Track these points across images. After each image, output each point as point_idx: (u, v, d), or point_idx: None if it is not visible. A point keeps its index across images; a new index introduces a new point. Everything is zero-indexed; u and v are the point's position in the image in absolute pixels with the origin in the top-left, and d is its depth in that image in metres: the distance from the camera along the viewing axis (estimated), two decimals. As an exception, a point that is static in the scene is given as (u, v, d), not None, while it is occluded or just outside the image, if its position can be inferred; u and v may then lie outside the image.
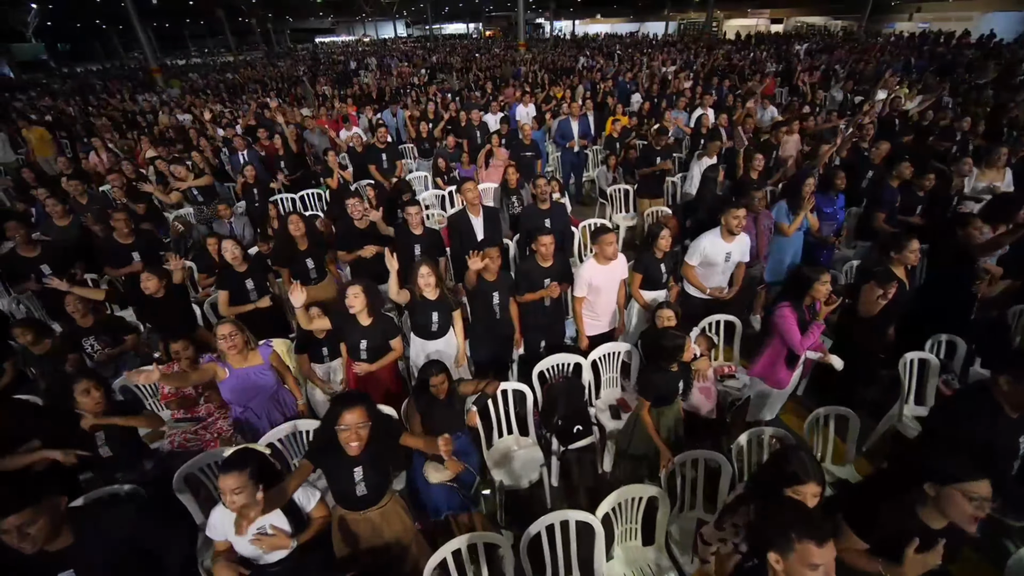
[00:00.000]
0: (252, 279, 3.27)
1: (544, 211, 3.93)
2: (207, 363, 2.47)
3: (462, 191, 3.63)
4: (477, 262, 2.69)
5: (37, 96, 15.73)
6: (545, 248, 2.97)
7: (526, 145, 6.23)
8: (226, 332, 2.39)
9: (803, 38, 24.04)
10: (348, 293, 2.56)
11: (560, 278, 3.13)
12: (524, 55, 19.39)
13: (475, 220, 3.68)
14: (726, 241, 3.27)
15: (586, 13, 45.18)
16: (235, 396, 2.50)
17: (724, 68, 14.26)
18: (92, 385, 2.17)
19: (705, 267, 3.37)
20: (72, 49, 37.03)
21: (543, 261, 3.05)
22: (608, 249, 2.96)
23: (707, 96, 7.47)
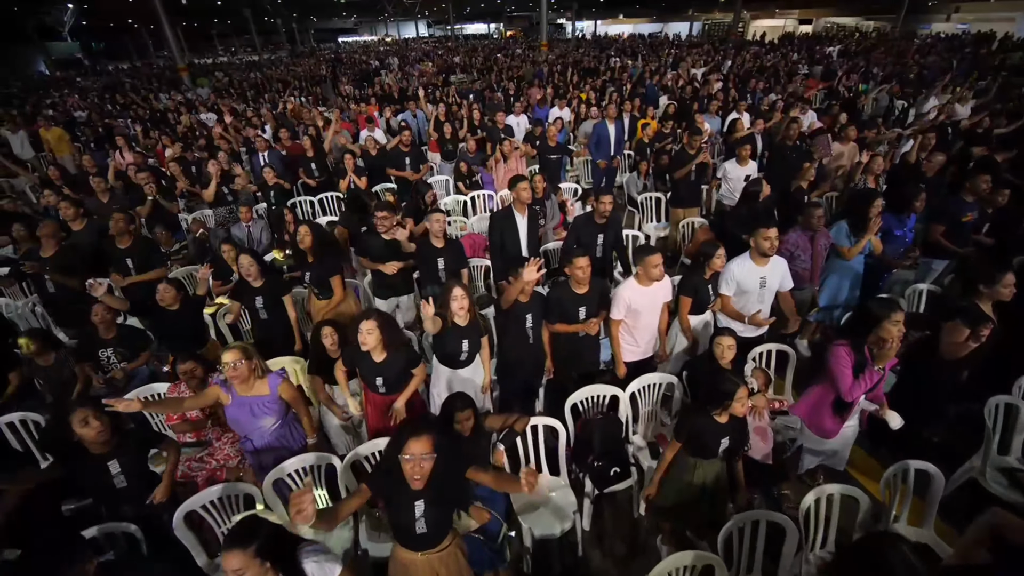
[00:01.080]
0: (263, 296, 3.09)
1: (600, 225, 3.62)
2: (211, 386, 2.27)
3: (517, 189, 3.39)
4: (532, 272, 2.40)
5: (68, 93, 16.08)
6: (581, 272, 2.68)
7: (551, 147, 5.96)
8: (231, 360, 2.18)
9: (835, 39, 23.20)
10: (361, 328, 2.33)
11: (597, 307, 2.84)
12: (547, 55, 19.11)
13: (520, 219, 3.47)
14: (758, 265, 2.92)
15: (608, 13, 44.68)
16: (234, 425, 2.30)
17: (755, 70, 13.75)
18: (90, 415, 1.98)
19: (739, 295, 3.01)
20: (106, 48, 38.08)
21: (577, 287, 2.76)
22: (653, 271, 2.68)
23: (741, 101, 7.06)
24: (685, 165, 4.86)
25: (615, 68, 13.87)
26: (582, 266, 2.68)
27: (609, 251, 3.77)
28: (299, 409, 2.48)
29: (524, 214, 3.48)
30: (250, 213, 4.75)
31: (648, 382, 2.75)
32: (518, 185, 3.40)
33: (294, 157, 6.08)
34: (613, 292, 2.88)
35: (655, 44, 25.82)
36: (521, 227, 3.49)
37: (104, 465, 2.02)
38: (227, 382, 2.21)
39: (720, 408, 2.08)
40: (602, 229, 3.62)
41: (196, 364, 2.60)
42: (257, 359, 2.31)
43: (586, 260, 2.68)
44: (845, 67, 13.03)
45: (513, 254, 3.45)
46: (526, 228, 3.50)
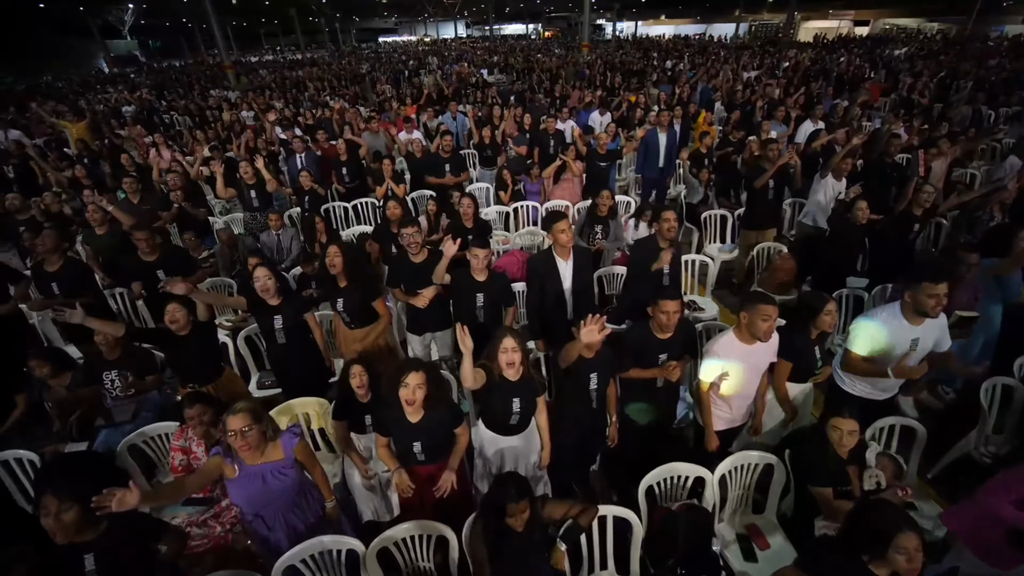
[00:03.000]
0: (282, 317, 2.70)
1: (664, 250, 3.02)
2: (211, 458, 1.89)
3: (554, 231, 2.80)
4: (594, 332, 1.85)
5: (120, 89, 16.63)
6: (667, 317, 2.19)
7: (600, 155, 5.43)
8: (238, 427, 1.78)
9: (896, 41, 21.56)
10: (408, 383, 1.89)
11: (681, 352, 2.34)
12: (587, 56, 18.49)
13: (563, 265, 2.91)
14: (913, 324, 2.30)
15: (650, 14, 43.54)
16: (244, 502, 1.90)
17: (815, 73, 12.75)
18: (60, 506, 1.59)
19: (882, 355, 2.38)
20: (162, 46, 39.86)
21: (661, 331, 2.27)
22: (763, 326, 2.13)
23: (818, 107, 6.32)
24: (762, 176, 4.19)
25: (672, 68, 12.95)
26: (670, 310, 2.18)
27: (677, 282, 3.22)
28: (314, 471, 2.08)
29: (568, 259, 2.89)
30: (280, 220, 4.44)
31: (743, 461, 2.21)
32: (555, 226, 2.79)
33: (327, 160, 5.79)
34: (706, 351, 2.33)
35: (703, 45, 24.76)
36: (564, 274, 2.90)
37: (79, 558, 1.63)
38: (231, 449, 1.82)
39: (881, 560, 1.44)
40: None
41: (204, 408, 2.24)
42: (268, 421, 1.91)
43: (677, 305, 2.18)
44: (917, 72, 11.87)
45: (557, 306, 2.92)
46: (571, 275, 2.91)
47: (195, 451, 2.30)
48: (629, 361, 2.30)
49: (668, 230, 2.93)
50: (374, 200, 5.58)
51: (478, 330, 2.86)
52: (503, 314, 2.93)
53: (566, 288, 2.90)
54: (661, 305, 2.19)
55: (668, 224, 2.93)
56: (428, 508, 2.10)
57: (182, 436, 2.30)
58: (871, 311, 2.44)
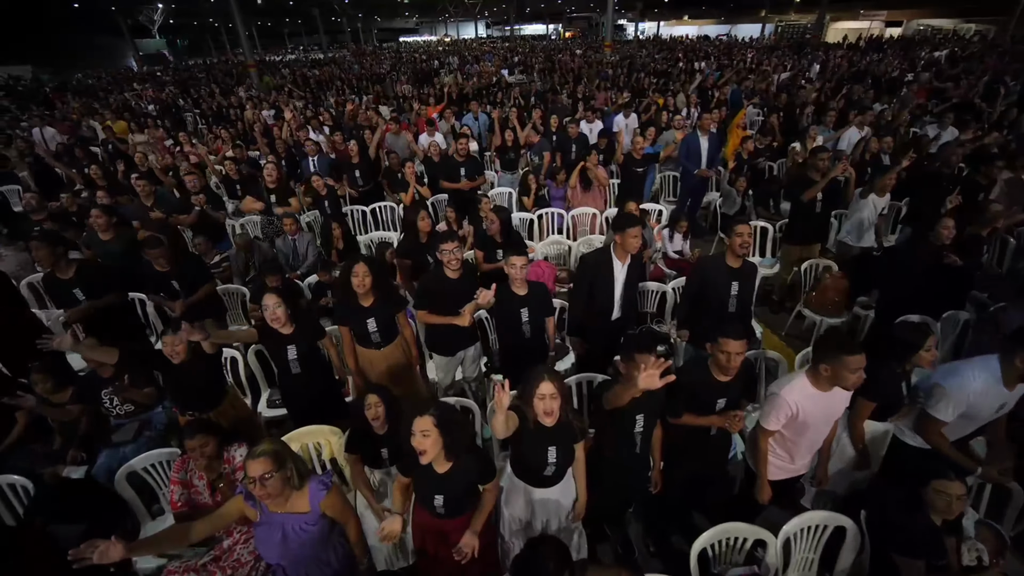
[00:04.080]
0: (296, 346, 2.48)
1: (735, 271, 2.68)
2: (233, 499, 1.67)
3: (626, 236, 2.58)
4: (654, 378, 1.57)
5: (147, 86, 16.88)
6: (727, 359, 1.89)
7: (636, 160, 5.13)
8: (257, 473, 1.57)
9: (931, 43, 20.61)
10: (415, 430, 1.65)
11: (741, 395, 2.05)
12: (611, 56, 18.12)
13: (619, 267, 2.69)
14: (1010, 388, 1.97)
15: (673, 14, 42.81)
16: (262, 550, 1.69)
17: (852, 75, 12.18)
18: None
19: (962, 418, 2.07)
20: (189, 45, 40.68)
21: (721, 373, 1.98)
22: (852, 378, 1.79)
23: (865, 112, 5.90)
24: (811, 187, 3.81)
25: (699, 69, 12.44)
26: (732, 351, 1.88)
27: (746, 308, 2.83)
28: (348, 523, 1.85)
29: (625, 263, 2.70)
30: (296, 224, 4.27)
31: (810, 523, 1.92)
32: (629, 231, 2.57)
33: (340, 163, 5.61)
34: (771, 393, 2.01)
35: (728, 46, 24.13)
36: (618, 278, 2.71)
37: None
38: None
39: None
40: (737, 276, 2.70)
41: (206, 438, 2.04)
42: (292, 463, 1.69)
43: (742, 346, 1.88)
44: (957, 74, 11.21)
45: (603, 308, 2.71)
46: (623, 280, 2.72)
47: (196, 485, 2.10)
48: (682, 406, 2.01)
49: (741, 246, 2.60)
50: (392, 204, 5.39)
51: (523, 346, 2.64)
52: (544, 326, 2.69)
53: (617, 292, 2.70)
54: (723, 344, 1.90)
55: (741, 240, 2.59)
56: (444, 563, 1.85)
57: (182, 468, 2.11)
58: (961, 368, 2.04)
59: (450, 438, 1.67)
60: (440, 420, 1.66)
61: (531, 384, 1.73)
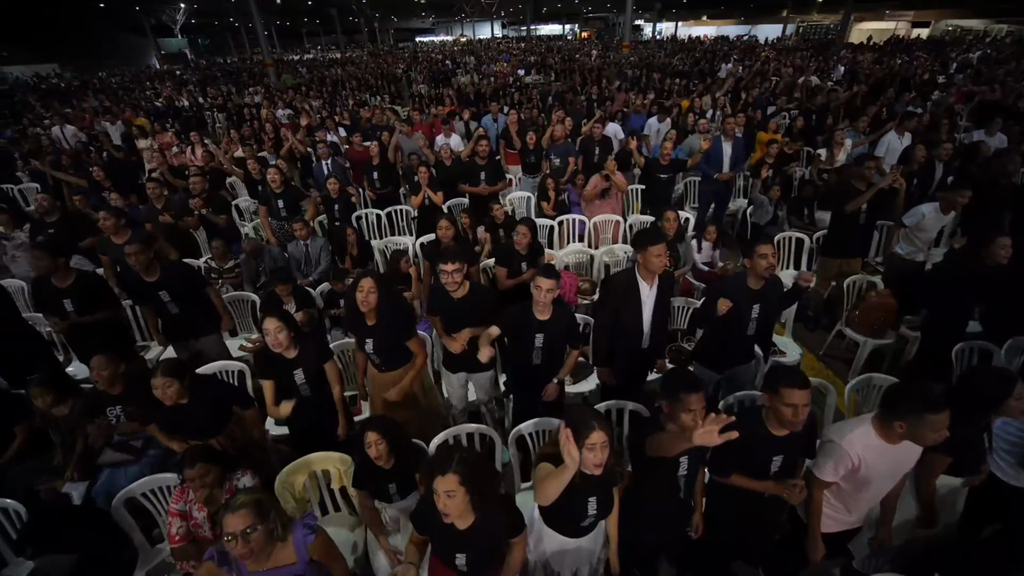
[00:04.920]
0: (303, 370, 2.31)
1: (756, 292, 2.45)
2: (203, 567, 1.51)
3: (648, 254, 2.32)
4: (713, 435, 1.34)
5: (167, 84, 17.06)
6: (793, 412, 1.64)
7: (663, 166, 4.89)
8: (237, 529, 1.41)
9: (963, 44, 19.85)
10: (438, 489, 1.44)
11: (800, 453, 1.81)
12: (628, 57, 17.83)
13: (646, 290, 2.44)
14: None
15: (691, 14, 42.18)
16: None
17: (884, 78, 11.72)
18: None
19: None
20: (210, 44, 41.30)
21: (780, 427, 1.73)
22: (934, 436, 1.56)
23: (911, 118, 5.56)
24: (855, 197, 3.53)
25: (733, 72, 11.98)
26: (799, 403, 1.63)
27: (767, 330, 2.65)
28: (334, 566, 1.66)
29: (652, 284, 2.46)
30: (307, 229, 4.13)
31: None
32: (651, 249, 2.31)
33: (358, 164, 5.46)
34: (828, 440, 1.78)
35: (750, 46, 23.62)
36: (646, 302, 2.45)
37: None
38: (227, 556, 1.44)
39: None
40: (759, 298, 2.49)
41: (207, 467, 1.88)
42: (276, 515, 1.53)
43: (808, 395, 1.64)
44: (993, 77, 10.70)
45: (630, 336, 2.47)
46: (653, 304, 2.47)
47: (196, 517, 1.95)
48: (731, 465, 1.79)
49: (766, 268, 2.37)
50: (408, 208, 5.23)
51: (529, 373, 2.44)
52: (565, 355, 2.48)
53: (645, 317, 2.44)
54: (786, 396, 1.64)
55: (767, 262, 2.35)
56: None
57: (181, 498, 1.96)
58: None
59: (477, 495, 1.47)
60: (466, 476, 1.45)
61: (578, 432, 1.50)
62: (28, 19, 23.14)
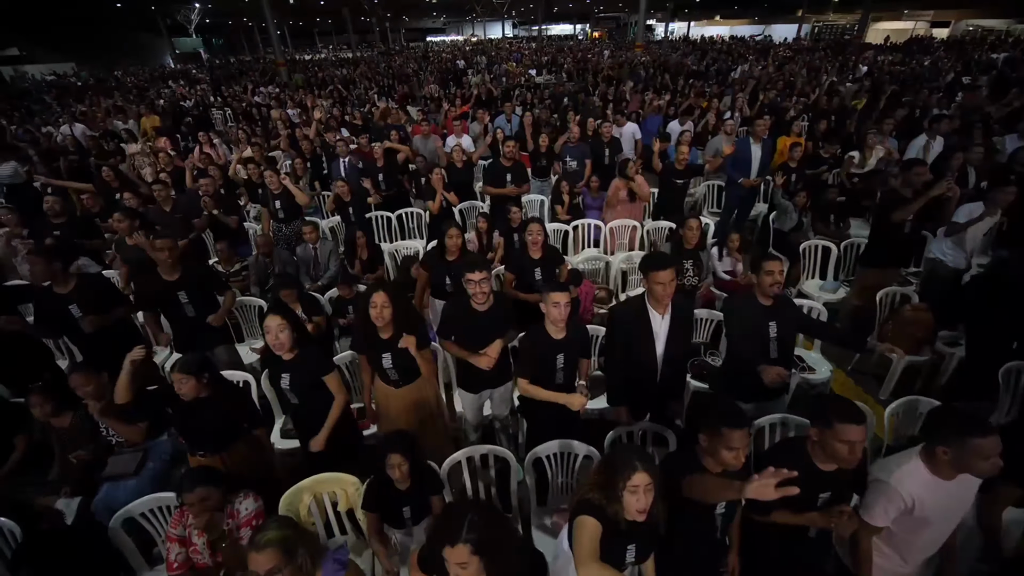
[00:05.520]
0: (291, 375, 2.20)
1: (767, 308, 2.27)
2: None
3: (651, 281, 2.10)
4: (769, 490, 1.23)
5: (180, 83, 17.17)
6: (848, 449, 1.49)
7: (679, 170, 4.72)
8: (262, 569, 1.29)
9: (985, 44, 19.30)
10: (449, 560, 1.26)
11: (850, 488, 1.65)
12: (641, 57, 17.59)
13: (658, 321, 2.19)
14: None
15: (704, 14, 41.71)
16: None
17: (907, 78, 11.40)
18: None
19: None
20: (224, 44, 41.71)
21: (829, 463, 1.58)
22: (986, 465, 1.41)
23: (941, 120, 5.32)
24: (903, 205, 3.31)
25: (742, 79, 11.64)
26: (855, 440, 1.48)
27: (787, 350, 2.41)
28: None
29: (664, 313, 2.20)
30: (316, 232, 4.03)
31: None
32: (654, 275, 2.07)
33: (365, 165, 5.37)
34: (876, 479, 1.61)
35: (764, 47, 23.24)
36: (659, 332, 2.21)
37: None
38: None
39: None
40: (773, 315, 2.29)
41: (208, 491, 1.77)
42: (304, 551, 1.40)
43: (863, 430, 1.49)
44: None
45: (643, 370, 2.27)
46: (667, 335, 2.22)
47: (195, 543, 1.84)
48: (773, 502, 1.63)
49: (771, 285, 2.21)
50: (419, 210, 5.12)
51: None
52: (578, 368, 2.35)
53: (659, 351, 2.22)
54: (841, 432, 1.48)
55: (772, 279, 2.19)
56: None
57: (180, 522, 1.84)
58: None
59: (494, 564, 1.29)
60: (479, 544, 1.26)
61: (619, 473, 1.36)
62: (47, 18, 23.49)
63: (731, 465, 1.46)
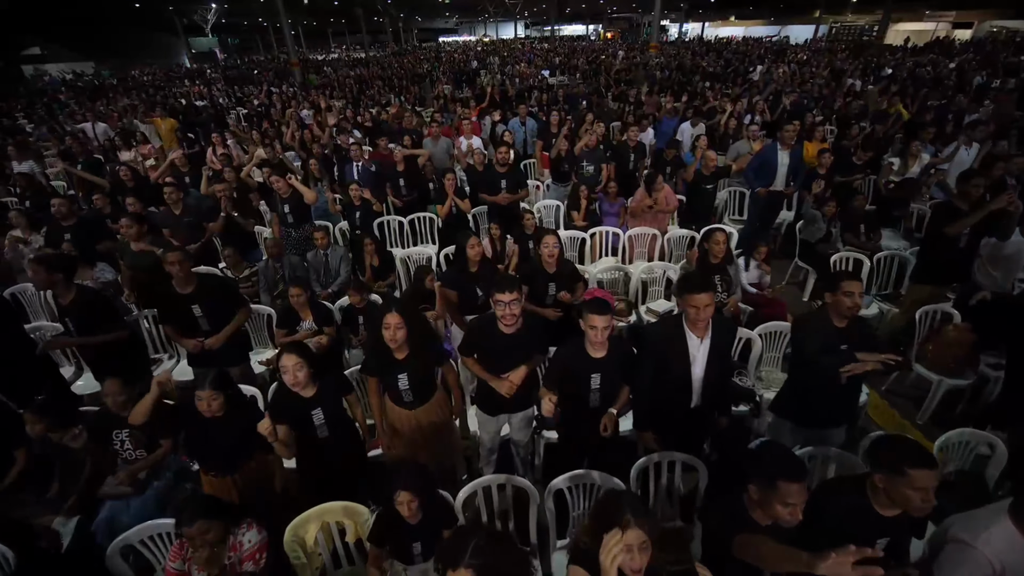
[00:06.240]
0: (323, 407, 2.08)
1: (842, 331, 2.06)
2: None
3: (686, 302, 1.93)
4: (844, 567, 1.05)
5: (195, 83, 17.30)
6: (922, 495, 1.33)
7: (706, 176, 4.53)
8: None
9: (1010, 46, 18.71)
10: None
11: (910, 531, 1.49)
12: (656, 58, 17.32)
13: (695, 344, 2.03)
14: None
15: (718, 15, 41.16)
16: None
17: (934, 81, 11.04)
18: None
19: None
20: (240, 43, 42.12)
21: (888, 506, 1.42)
22: None
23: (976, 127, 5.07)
24: (960, 218, 3.09)
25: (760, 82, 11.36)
26: (928, 486, 1.32)
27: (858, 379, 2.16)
28: None
29: (704, 337, 2.04)
30: (327, 238, 3.93)
31: None
32: (692, 298, 1.91)
33: (383, 170, 5.25)
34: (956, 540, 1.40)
35: (781, 48, 22.83)
36: (696, 356, 2.05)
37: None
38: None
39: None
40: (846, 336, 2.07)
41: (208, 524, 1.65)
42: None
43: (936, 475, 1.33)
44: None
45: (676, 395, 2.12)
46: (704, 359, 2.05)
47: (195, 578, 1.73)
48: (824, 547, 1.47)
49: (849, 308, 1.99)
50: (432, 215, 5.00)
51: (585, 418, 2.14)
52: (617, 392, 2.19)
53: (696, 375, 2.07)
54: (917, 478, 1.32)
55: (851, 300, 1.98)
56: None
57: (180, 555, 1.73)
58: None
59: None
60: (483, 570, 1.13)
61: (611, 527, 1.19)
62: (67, 18, 23.87)
63: (785, 521, 1.31)
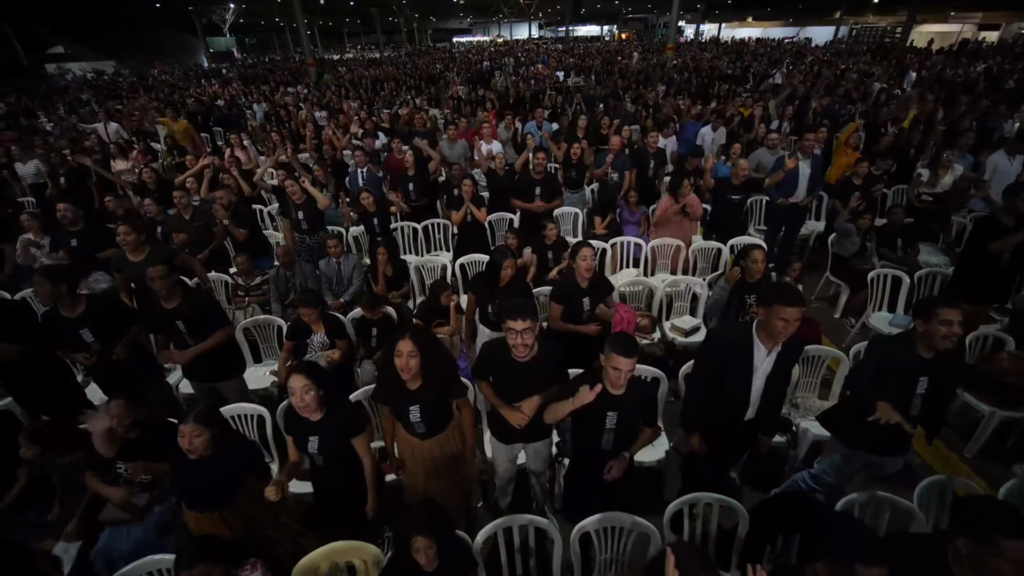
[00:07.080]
0: (320, 437, 1.96)
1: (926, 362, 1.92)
2: None
3: (775, 313, 1.82)
4: None
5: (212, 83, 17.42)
6: (1016, 571, 1.16)
7: (734, 187, 4.33)
8: None
9: None
10: None
11: None
12: (672, 59, 17.04)
13: (761, 356, 1.94)
14: None
15: (735, 15, 40.55)
16: None
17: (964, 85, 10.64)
18: None
19: None
20: (257, 43, 42.61)
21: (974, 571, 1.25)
22: None
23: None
24: (1005, 236, 2.92)
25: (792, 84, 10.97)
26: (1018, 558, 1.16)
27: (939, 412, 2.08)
28: None
29: (772, 349, 1.95)
30: (340, 245, 3.81)
31: None
32: (782, 310, 1.80)
33: (395, 174, 5.13)
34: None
35: (800, 50, 22.35)
36: (760, 368, 1.96)
37: None
38: None
39: None
40: (928, 370, 1.92)
41: (210, 569, 1.53)
42: None
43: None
44: None
45: (732, 404, 2.01)
46: (768, 372, 1.97)
47: (194, 625, 1.61)
48: None
49: (943, 338, 1.83)
50: (446, 222, 4.86)
51: (594, 458, 2.00)
52: (634, 434, 2.04)
53: (755, 387, 1.97)
54: (1009, 549, 1.15)
55: (947, 330, 1.82)
56: None
57: (178, 598, 1.62)
58: None
59: None
60: None
61: None
62: (89, 18, 24.30)
63: None
